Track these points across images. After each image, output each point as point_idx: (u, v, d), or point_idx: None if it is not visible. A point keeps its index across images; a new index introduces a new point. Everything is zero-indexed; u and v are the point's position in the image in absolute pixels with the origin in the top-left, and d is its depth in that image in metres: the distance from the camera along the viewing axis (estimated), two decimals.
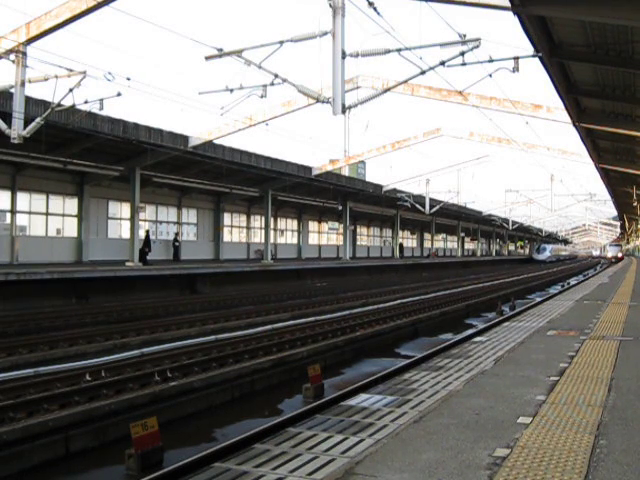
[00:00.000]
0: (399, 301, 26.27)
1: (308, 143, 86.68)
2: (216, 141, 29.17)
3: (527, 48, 14.62)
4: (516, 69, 14.42)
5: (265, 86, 16.23)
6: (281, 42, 14.75)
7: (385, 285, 37.41)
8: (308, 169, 38.24)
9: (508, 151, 41.52)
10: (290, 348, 14.94)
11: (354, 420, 6.21)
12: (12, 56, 16.76)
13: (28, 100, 18.35)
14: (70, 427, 9.03)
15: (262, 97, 16.48)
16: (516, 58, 14.46)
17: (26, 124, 17.54)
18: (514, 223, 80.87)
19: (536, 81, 30.72)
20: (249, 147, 36.47)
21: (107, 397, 10.26)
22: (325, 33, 13.94)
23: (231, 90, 16.51)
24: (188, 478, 5.05)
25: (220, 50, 15.27)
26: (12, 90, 17.56)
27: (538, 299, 30.88)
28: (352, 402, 7.02)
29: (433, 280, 43.91)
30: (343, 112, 14.13)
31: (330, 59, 13.75)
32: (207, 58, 15.44)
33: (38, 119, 17.96)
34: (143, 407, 10.10)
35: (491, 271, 60.71)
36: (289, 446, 5.42)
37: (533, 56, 14.57)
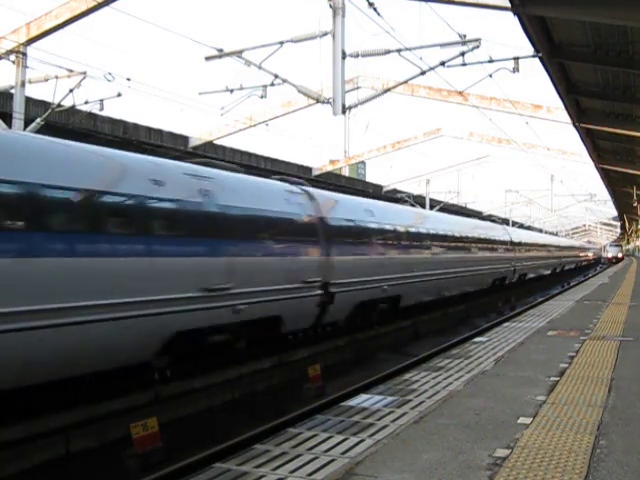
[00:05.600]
0: None
1: (308, 143, 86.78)
2: (216, 141, 29.16)
3: (527, 48, 14.62)
4: (516, 69, 14.40)
5: (265, 86, 16.20)
6: (281, 42, 14.73)
7: None
8: (308, 169, 38.19)
9: (508, 151, 41.48)
10: (291, 349, 14.92)
11: (354, 420, 6.21)
12: (12, 56, 16.76)
13: (28, 101, 18.33)
14: (70, 428, 9.04)
15: (262, 97, 16.44)
16: (516, 58, 14.43)
17: (26, 125, 17.51)
18: (514, 223, 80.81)
19: (536, 81, 30.67)
20: (249, 148, 36.55)
21: (108, 398, 10.25)
22: (325, 33, 13.92)
23: (231, 90, 16.48)
24: (189, 478, 5.06)
25: (220, 50, 15.24)
26: (12, 91, 17.56)
27: (539, 299, 30.86)
28: (352, 402, 7.03)
29: None
30: (343, 112, 14.11)
31: (330, 59, 13.75)
32: (207, 58, 15.41)
33: (38, 120, 17.93)
34: (144, 408, 10.10)
35: None
36: (289, 446, 5.42)
37: (533, 56, 14.57)
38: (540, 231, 67.98)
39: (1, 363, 7.84)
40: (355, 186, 47.15)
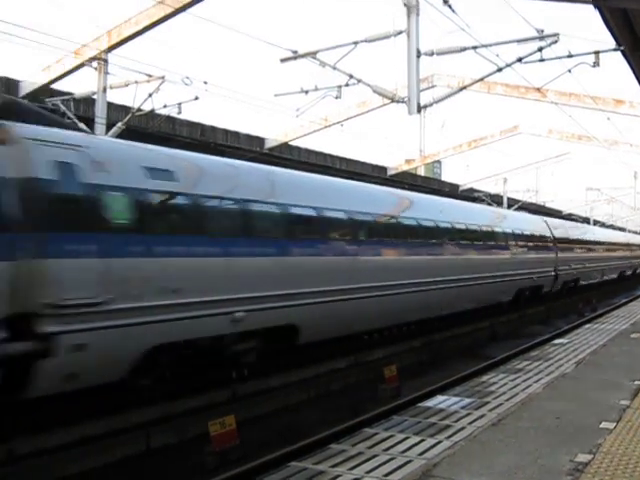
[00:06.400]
0: None
1: (383, 143, 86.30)
2: (292, 142, 29.35)
3: (608, 41, 14.17)
4: (597, 64, 14.01)
5: (340, 87, 16.22)
6: (355, 42, 14.71)
7: None
8: (383, 169, 38.02)
9: (589, 148, 40.38)
10: (366, 349, 14.90)
11: (431, 422, 6.16)
12: (94, 63, 17.29)
13: (109, 106, 18.83)
14: (150, 424, 9.25)
15: (337, 98, 16.47)
16: (597, 52, 14.03)
17: (108, 129, 18.03)
18: (595, 222, 78.53)
19: (619, 74, 29.76)
20: (324, 148, 36.62)
21: (186, 395, 10.43)
22: (400, 32, 13.83)
23: (306, 91, 16.57)
24: (264, 476, 5.11)
25: (295, 52, 15.34)
26: (94, 96, 18.10)
27: (622, 300, 29.94)
28: (429, 403, 6.98)
29: None
30: (418, 111, 14.00)
31: (405, 58, 13.67)
32: (282, 60, 15.53)
33: (119, 124, 18.42)
34: (222, 406, 10.24)
35: None
36: (365, 447, 5.42)
37: (614, 50, 14.13)
38: (620, 230, 66.56)
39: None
40: (431, 185, 46.67)
